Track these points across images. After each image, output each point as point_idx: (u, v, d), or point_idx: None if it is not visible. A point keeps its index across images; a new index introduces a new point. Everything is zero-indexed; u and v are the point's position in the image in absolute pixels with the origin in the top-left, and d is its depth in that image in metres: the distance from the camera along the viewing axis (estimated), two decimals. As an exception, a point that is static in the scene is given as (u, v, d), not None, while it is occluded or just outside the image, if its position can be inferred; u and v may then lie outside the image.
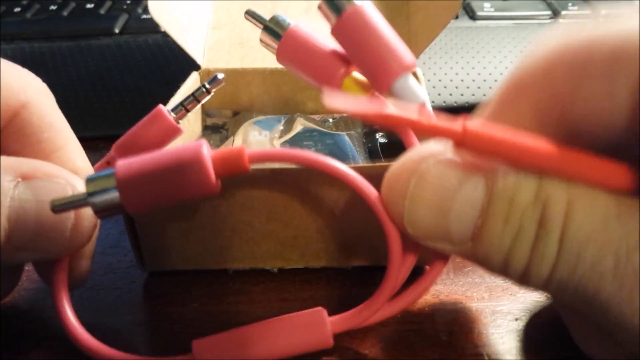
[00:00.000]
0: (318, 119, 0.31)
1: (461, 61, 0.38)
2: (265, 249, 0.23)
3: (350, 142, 0.29)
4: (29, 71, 0.21)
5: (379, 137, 0.30)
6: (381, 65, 0.18)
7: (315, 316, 0.18)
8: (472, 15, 0.43)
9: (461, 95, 0.37)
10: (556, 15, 0.43)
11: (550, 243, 0.14)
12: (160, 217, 0.22)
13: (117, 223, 0.27)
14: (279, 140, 0.29)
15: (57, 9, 0.46)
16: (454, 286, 0.23)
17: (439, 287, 0.23)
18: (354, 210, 0.22)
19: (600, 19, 0.15)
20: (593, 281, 0.14)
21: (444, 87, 0.37)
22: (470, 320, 0.21)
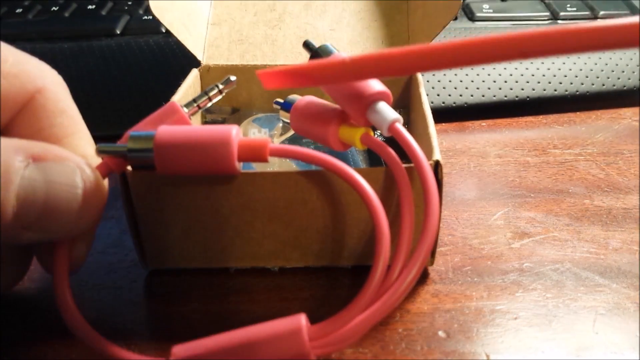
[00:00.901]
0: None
1: (460, 62, 0.38)
2: (267, 249, 0.23)
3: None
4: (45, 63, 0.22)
5: (378, 136, 0.30)
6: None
7: (293, 326, 0.18)
8: (471, 17, 0.43)
9: (460, 95, 0.37)
10: (554, 17, 0.43)
11: None
12: (163, 216, 0.22)
13: (118, 223, 0.27)
14: (279, 139, 0.29)
15: (59, 9, 0.46)
16: (453, 285, 0.23)
17: (438, 287, 0.23)
18: (355, 210, 0.22)
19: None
20: None
21: (443, 88, 0.37)
22: (469, 320, 0.21)
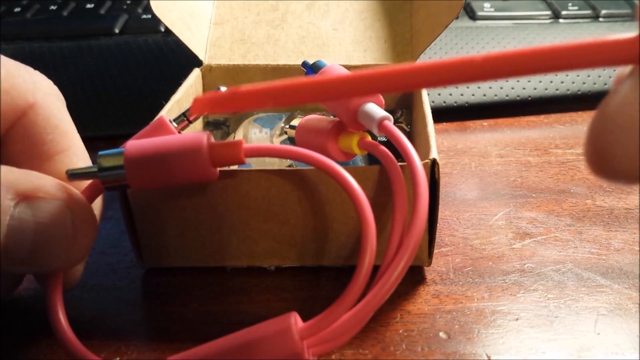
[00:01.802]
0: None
1: (461, 61, 0.38)
2: (263, 248, 0.23)
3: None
4: (40, 72, 0.21)
5: (377, 136, 0.30)
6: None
7: (283, 325, 0.17)
8: (472, 15, 0.43)
9: (461, 95, 0.37)
10: (556, 16, 0.43)
11: None
12: (159, 215, 0.22)
13: (117, 223, 0.27)
14: (280, 138, 0.29)
15: (57, 9, 0.46)
16: (454, 286, 0.23)
17: (439, 287, 0.23)
18: (351, 209, 0.22)
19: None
20: None
21: (444, 87, 0.37)
22: (470, 320, 0.21)
